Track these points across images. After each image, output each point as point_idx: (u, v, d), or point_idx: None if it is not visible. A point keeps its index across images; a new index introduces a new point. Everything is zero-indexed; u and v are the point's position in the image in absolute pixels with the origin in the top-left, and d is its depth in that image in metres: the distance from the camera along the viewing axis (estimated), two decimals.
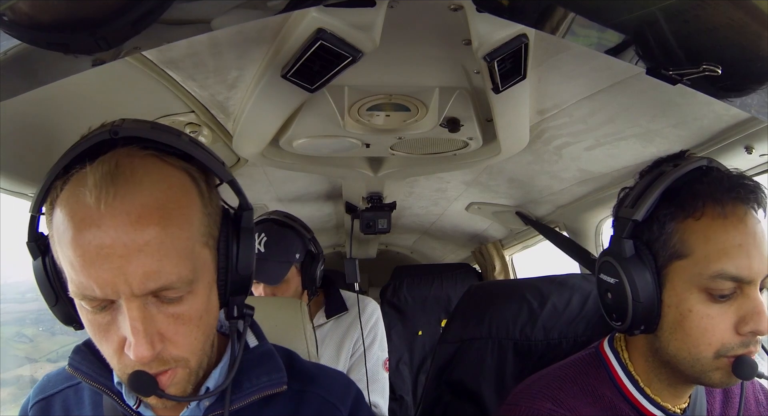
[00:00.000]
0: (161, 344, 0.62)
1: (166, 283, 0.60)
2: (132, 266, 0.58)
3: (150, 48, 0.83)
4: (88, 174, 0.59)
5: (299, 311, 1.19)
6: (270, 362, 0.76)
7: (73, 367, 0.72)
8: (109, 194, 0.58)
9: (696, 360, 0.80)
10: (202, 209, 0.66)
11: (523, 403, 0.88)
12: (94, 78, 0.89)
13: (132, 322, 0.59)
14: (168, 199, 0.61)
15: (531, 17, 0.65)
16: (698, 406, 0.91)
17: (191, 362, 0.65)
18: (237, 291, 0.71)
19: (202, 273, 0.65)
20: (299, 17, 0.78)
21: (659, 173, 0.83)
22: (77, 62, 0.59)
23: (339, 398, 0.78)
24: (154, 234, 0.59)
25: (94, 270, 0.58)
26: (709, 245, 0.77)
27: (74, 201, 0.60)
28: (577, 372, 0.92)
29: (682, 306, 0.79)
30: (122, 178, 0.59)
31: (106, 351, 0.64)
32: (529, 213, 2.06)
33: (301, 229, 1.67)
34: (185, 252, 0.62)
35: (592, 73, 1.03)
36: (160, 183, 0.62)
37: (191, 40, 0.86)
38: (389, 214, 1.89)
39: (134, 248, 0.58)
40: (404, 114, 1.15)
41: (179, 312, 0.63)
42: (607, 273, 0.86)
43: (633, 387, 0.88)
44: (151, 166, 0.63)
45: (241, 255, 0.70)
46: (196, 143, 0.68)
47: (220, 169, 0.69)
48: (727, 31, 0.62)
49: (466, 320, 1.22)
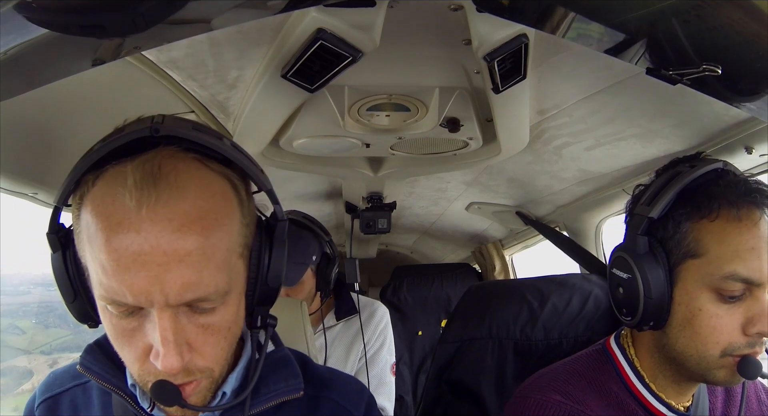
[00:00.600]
0: (189, 354, 0.60)
1: (203, 295, 0.58)
2: (171, 276, 0.56)
3: (150, 48, 0.83)
4: (128, 173, 0.56)
5: (299, 311, 1.19)
6: (287, 368, 0.76)
7: (85, 367, 0.70)
8: (151, 198, 0.55)
9: (702, 357, 0.81)
10: (241, 219, 0.64)
11: (533, 395, 0.89)
12: (94, 78, 0.89)
13: (163, 332, 0.57)
14: (210, 207, 0.59)
15: (531, 17, 0.65)
16: (701, 404, 0.92)
17: (215, 372, 0.64)
18: (263, 302, 0.70)
19: (236, 284, 0.64)
20: (299, 17, 0.78)
21: (676, 173, 0.85)
22: (77, 62, 0.59)
23: (353, 403, 0.78)
24: (196, 244, 0.57)
25: (129, 277, 0.56)
26: (722, 247, 0.79)
27: (110, 201, 0.56)
28: (585, 367, 0.93)
29: (692, 305, 0.81)
30: (165, 181, 0.56)
31: (127, 356, 0.62)
32: (529, 213, 2.06)
33: (319, 231, 1.68)
34: (224, 263, 0.60)
35: (592, 73, 1.03)
36: (203, 190, 0.59)
37: (191, 40, 0.86)
38: (389, 214, 1.89)
39: (175, 257, 0.56)
40: (404, 114, 1.15)
41: (210, 322, 0.61)
42: (619, 268, 0.87)
43: (639, 383, 0.90)
44: (195, 170, 0.60)
45: (272, 267, 0.68)
46: (237, 148, 0.66)
47: (260, 177, 0.67)
48: (727, 31, 0.62)
49: (466, 320, 1.22)
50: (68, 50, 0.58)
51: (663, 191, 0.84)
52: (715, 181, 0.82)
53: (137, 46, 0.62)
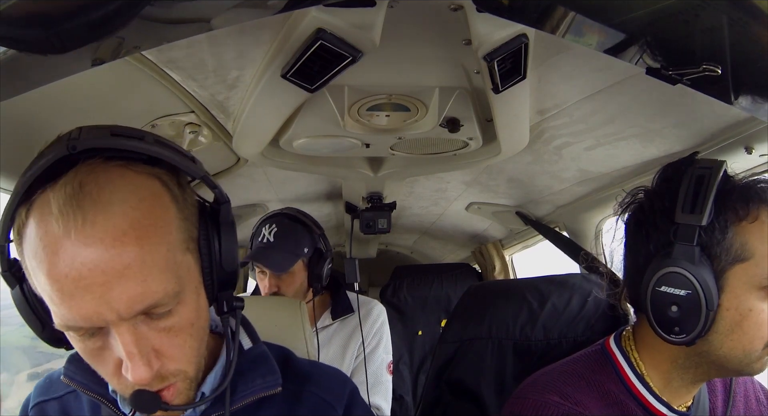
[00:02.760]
0: (158, 361, 0.60)
1: (153, 302, 0.58)
2: (115, 293, 0.55)
3: (150, 48, 0.82)
4: (50, 199, 0.55)
5: (299, 311, 1.19)
6: (264, 365, 0.76)
7: (69, 377, 0.71)
8: (77, 221, 0.54)
9: (747, 354, 0.82)
10: (178, 215, 0.62)
11: (531, 396, 0.89)
12: (94, 78, 0.89)
13: (126, 346, 0.57)
14: (141, 214, 0.58)
15: (531, 17, 0.65)
16: (702, 404, 0.92)
17: (189, 372, 0.64)
18: (224, 287, 0.69)
19: (188, 280, 0.63)
20: (299, 17, 0.78)
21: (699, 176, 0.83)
22: (77, 62, 0.59)
23: (334, 396, 0.78)
24: (132, 256, 0.56)
25: (75, 303, 0.55)
26: (766, 246, 0.80)
27: (42, 231, 0.56)
28: (584, 368, 0.93)
29: (742, 307, 0.80)
30: (88, 200, 0.55)
31: (102, 372, 0.62)
32: (529, 213, 2.06)
33: (313, 226, 1.69)
34: (168, 265, 0.59)
35: (592, 73, 1.03)
36: (130, 198, 0.58)
37: (191, 40, 0.86)
38: (389, 214, 1.89)
39: (114, 274, 0.55)
40: (404, 114, 1.15)
41: (170, 324, 0.61)
42: (673, 285, 0.82)
43: (640, 384, 0.89)
44: (118, 179, 0.58)
45: (224, 251, 0.67)
46: (162, 142, 0.64)
47: (190, 167, 0.65)
48: (727, 31, 0.62)
49: (466, 320, 1.22)
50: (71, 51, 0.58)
51: (701, 197, 0.81)
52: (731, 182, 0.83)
53: (137, 46, 0.62)
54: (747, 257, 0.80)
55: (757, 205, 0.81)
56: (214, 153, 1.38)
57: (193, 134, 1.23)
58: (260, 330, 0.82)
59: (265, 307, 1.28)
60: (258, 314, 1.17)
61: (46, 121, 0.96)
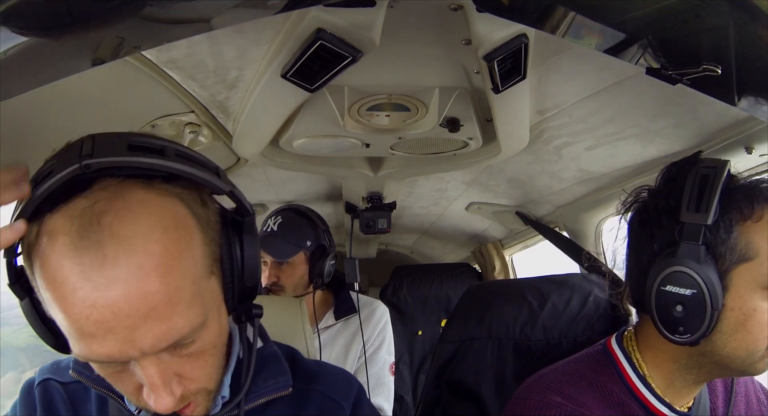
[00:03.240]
0: (180, 386, 0.59)
1: (178, 338, 0.56)
2: (139, 334, 0.53)
3: (150, 48, 0.83)
4: (63, 227, 0.51)
5: (299, 311, 1.19)
6: (276, 365, 0.76)
7: (78, 372, 0.70)
8: (96, 259, 0.50)
9: (750, 354, 0.81)
10: (202, 238, 0.59)
11: (533, 396, 0.89)
12: (94, 78, 0.89)
13: (149, 378, 0.56)
14: (165, 248, 0.53)
15: (531, 17, 0.65)
16: (702, 404, 0.92)
17: (210, 387, 0.64)
18: (244, 300, 0.68)
19: (212, 304, 0.61)
20: (299, 17, 0.78)
21: (704, 175, 0.82)
22: (77, 62, 0.59)
23: (341, 394, 0.78)
24: (157, 297, 0.52)
25: (97, 343, 0.52)
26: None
27: (56, 264, 0.51)
28: (586, 368, 0.93)
29: (746, 307, 0.80)
30: (108, 235, 0.51)
31: (121, 390, 0.61)
32: (529, 213, 2.06)
33: (318, 221, 1.71)
34: (193, 299, 0.56)
35: (592, 73, 1.03)
36: (153, 230, 0.53)
37: (191, 40, 0.86)
38: (389, 214, 1.89)
39: (138, 317, 0.52)
40: (404, 114, 1.15)
41: (193, 350, 0.59)
42: (678, 285, 0.81)
43: (642, 384, 0.89)
44: (138, 206, 0.54)
45: (247, 267, 0.65)
46: (184, 155, 0.59)
47: (215, 182, 0.60)
48: (727, 31, 0.62)
49: (465, 320, 1.22)
50: (68, 50, 0.58)
51: (705, 196, 0.81)
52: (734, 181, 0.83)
53: (137, 46, 0.62)
54: (752, 257, 0.80)
55: (762, 204, 0.80)
56: (214, 153, 1.38)
57: (193, 134, 1.23)
58: None
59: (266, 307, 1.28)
60: None
61: (46, 121, 0.96)
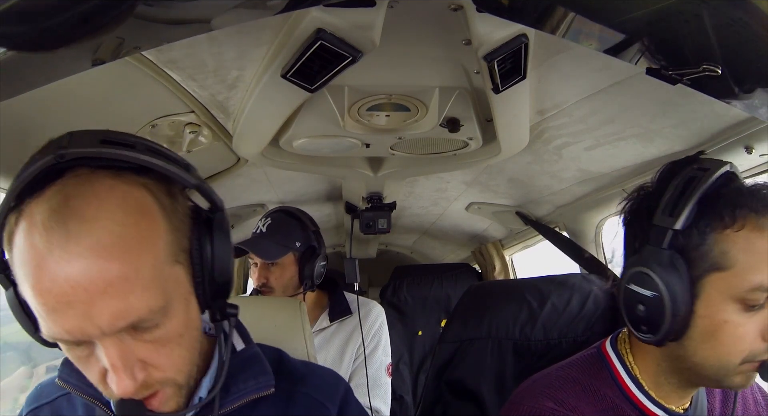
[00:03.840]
0: (143, 372, 0.60)
1: (136, 319, 0.57)
2: (97, 310, 0.55)
3: (150, 48, 0.83)
4: (35, 211, 0.55)
5: (299, 311, 1.19)
6: (257, 365, 0.76)
7: (63, 380, 0.71)
8: (61, 237, 0.54)
9: (723, 366, 0.79)
10: (167, 226, 0.61)
11: (526, 402, 0.89)
12: (95, 78, 0.89)
13: (110, 359, 0.57)
14: (127, 230, 0.57)
15: (531, 17, 0.65)
16: (699, 406, 0.92)
17: (178, 379, 0.64)
18: (218, 296, 0.68)
19: (176, 292, 0.62)
20: (299, 17, 0.78)
21: (689, 178, 0.81)
22: (77, 62, 0.59)
23: (327, 396, 0.78)
24: (114, 273, 0.55)
25: (59, 318, 0.55)
26: (749, 258, 0.76)
27: (27, 244, 0.55)
28: (579, 372, 0.92)
29: (716, 317, 0.78)
30: (73, 216, 0.55)
31: (90, 378, 0.62)
32: (529, 213, 2.06)
33: (308, 222, 1.71)
34: (153, 281, 0.58)
35: (592, 73, 1.03)
36: (116, 213, 0.57)
37: (191, 40, 0.86)
38: (389, 214, 1.89)
39: (95, 291, 0.54)
40: (404, 114, 1.15)
41: (156, 336, 0.60)
42: (640, 284, 0.81)
43: (636, 387, 0.88)
44: (105, 192, 0.57)
45: (217, 261, 0.66)
46: (154, 150, 0.62)
47: (183, 175, 0.63)
48: (727, 31, 0.62)
49: (465, 320, 1.22)
50: (68, 51, 0.58)
51: (682, 200, 0.79)
52: (728, 186, 0.80)
53: (137, 46, 0.62)
54: (726, 267, 0.77)
55: (746, 213, 0.77)
56: (214, 153, 1.38)
57: (193, 134, 1.23)
58: (260, 331, 0.82)
59: (265, 307, 1.28)
60: (258, 314, 1.17)
61: (46, 121, 0.96)
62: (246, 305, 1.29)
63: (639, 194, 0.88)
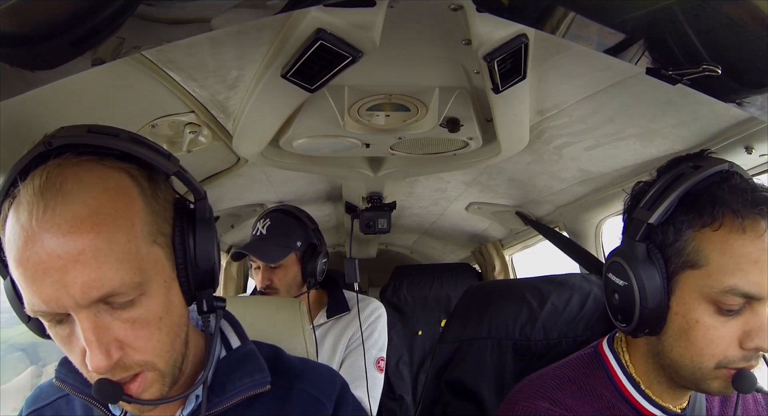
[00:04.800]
0: (120, 351, 0.60)
1: (109, 290, 0.59)
2: (70, 278, 0.57)
3: (150, 48, 0.82)
4: (24, 190, 0.59)
5: (299, 311, 1.19)
6: (252, 363, 0.76)
7: (60, 380, 0.71)
8: (39, 209, 0.57)
9: (697, 368, 0.79)
10: (145, 208, 0.64)
11: (522, 402, 0.89)
12: (94, 78, 0.89)
13: (84, 333, 0.58)
14: (102, 204, 0.60)
15: (531, 17, 0.65)
16: (697, 406, 0.92)
17: (158, 364, 0.64)
18: (202, 285, 0.69)
19: (154, 273, 0.63)
20: (299, 17, 0.78)
21: (679, 174, 0.81)
22: (77, 62, 0.59)
23: (324, 393, 0.79)
24: (87, 242, 0.58)
25: (37, 286, 0.58)
26: (724, 259, 0.76)
27: (13, 220, 0.59)
28: (576, 372, 0.92)
29: (689, 315, 0.78)
30: (52, 190, 0.58)
31: (74, 361, 0.63)
32: (529, 213, 2.06)
33: (307, 221, 1.71)
34: (127, 256, 0.60)
35: (592, 73, 1.03)
36: (92, 189, 0.60)
37: (191, 40, 0.85)
38: (389, 214, 1.89)
39: (69, 259, 0.57)
40: (404, 114, 1.15)
41: (134, 316, 0.61)
42: (615, 274, 0.84)
43: (632, 387, 0.88)
44: (85, 172, 0.61)
45: (199, 248, 0.67)
46: (137, 140, 0.66)
47: (162, 163, 0.66)
48: (727, 31, 0.62)
49: (465, 320, 1.22)
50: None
51: (664, 195, 0.79)
52: (719, 185, 0.79)
53: (137, 47, 0.62)
54: (699, 265, 0.77)
55: (725, 213, 0.76)
56: (214, 153, 1.38)
57: (193, 134, 1.23)
58: (260, 330, 0.82)
59: (265, 307, 1.28)
60: (258, 314, 1.18)
61: (46, 121, 0.96)
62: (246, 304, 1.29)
63: (636, 187, 0.88)
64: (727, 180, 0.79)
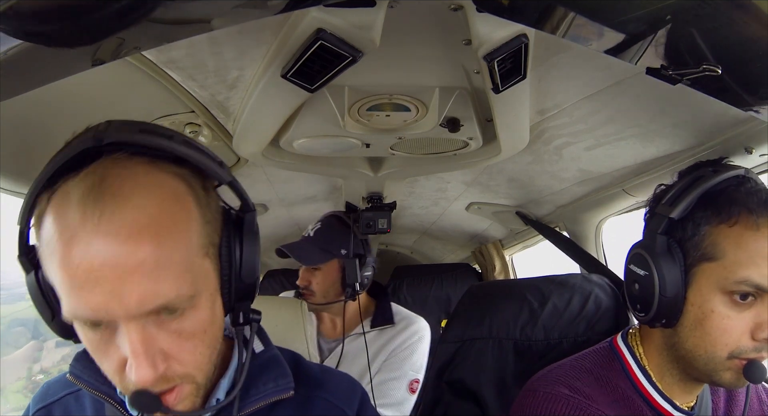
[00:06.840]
0: (165, 363, 0.58)
1: (164, 303, 0.56)
2: (126, 289, 0.54)
3: (150, 48, 0.82)
4: (71, 189, 0.55)
5: (299, 311, 1.19)
6: (277, 368, 0.75)
7: (75, 375, 0.70)
8: (95, 212, 0.54)
9: (710, 358, 0.83)
10: (200, 218, 0.61)
11: (542, 389, 0.91)
12: (94, 78, 0.89)
13: (132, 344, 0.56)
14: (161, 212, 0.57)
15: (531, 17, 0.65)
16: (704, 404, 0.94)
17: (197, 377, 0.63)
18: (243, 298, 0.68)
19: (204, 285, 0.61)
20: (299, 17, 0.78)
21: (699, 176, 0.87)
22: (77, 62, 0.59)
23: (345, 401, 0.78)
24: (148, 253, 0.55)
25: (85, 294, 0.55)
26: (738, 252, 0.81)
27: (60, 220, 0.56)
28: (593, 364, 0.95)
29: (705, 306, 0.83)
30: (108, 193, 0.55)
31: (106, 368, 0.61)
32: (529, 213, 2.06)
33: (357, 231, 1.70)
34: (183, 267, 0.58)
35: (592, 73, 1.03)
36: (151, 195, 0.57)
37: (191, 40, 0.86)
38: (389, 214, 1.89)
39: (127, 269, 0.54)
40: (404, 114, 1.15)
41: (182, 327, 0.59)
42: (637, 265, 0.89)
43: (646, 380, 0.91)
44: (142, 175, 0.58)
45: (245, 261, 0.66)
46: (190, 143, 0.63)
47: (218, 170, 0.64)
48: (727, 31, 0.62)
49: (466, 320, 1.22)
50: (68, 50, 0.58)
51: (685, 193, 0.86)
52: (736, 187, 0.85)
53: (137, 46, 0.62)
54: (715, 258, 0.82)
55: (740, 210, 0.82)
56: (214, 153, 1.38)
57: (193, 134, 1.23)
58: None
59: (265, 307, 1.28)
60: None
61: (46, 121, 0.96)
62: None
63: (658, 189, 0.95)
64: (743, 183, 0.85)
